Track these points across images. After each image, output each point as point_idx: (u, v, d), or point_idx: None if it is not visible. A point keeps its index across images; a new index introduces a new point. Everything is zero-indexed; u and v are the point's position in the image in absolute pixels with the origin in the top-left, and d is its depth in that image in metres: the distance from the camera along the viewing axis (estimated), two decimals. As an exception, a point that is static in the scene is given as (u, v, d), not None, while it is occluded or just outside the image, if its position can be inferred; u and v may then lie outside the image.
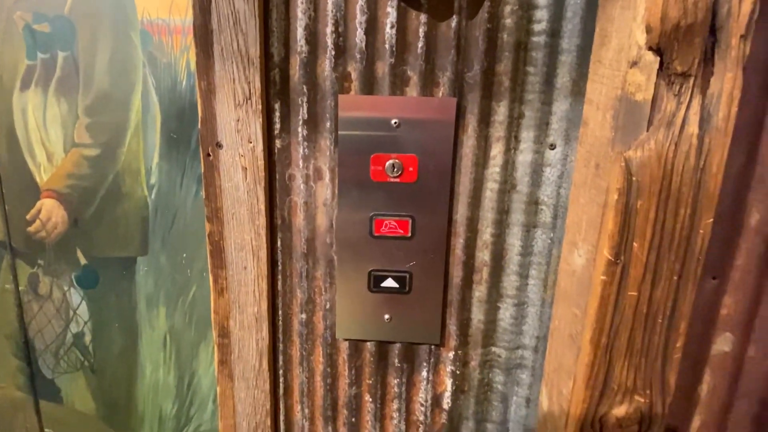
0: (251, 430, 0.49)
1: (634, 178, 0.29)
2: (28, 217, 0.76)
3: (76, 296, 0.79)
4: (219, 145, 0.42)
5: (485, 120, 0.40)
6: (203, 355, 0.80)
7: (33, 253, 0.78)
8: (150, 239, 0.75)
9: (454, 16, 0.38)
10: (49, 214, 0.76)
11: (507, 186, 0.41)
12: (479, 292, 0.44)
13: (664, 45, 0.27)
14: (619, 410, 0.32)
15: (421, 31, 0.39)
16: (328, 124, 0.42)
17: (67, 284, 0.79)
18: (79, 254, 0.77)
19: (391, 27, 0.39)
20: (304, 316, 0.47)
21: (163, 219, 0.74)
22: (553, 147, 0.40)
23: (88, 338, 0.81)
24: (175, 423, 0.85)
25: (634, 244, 0.29)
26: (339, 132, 0.41)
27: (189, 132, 0.70)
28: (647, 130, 0.29)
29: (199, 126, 0.41)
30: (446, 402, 0.47)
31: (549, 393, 0.39)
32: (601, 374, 0.32)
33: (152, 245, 0.75)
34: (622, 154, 0.29)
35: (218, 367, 0.47)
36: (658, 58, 0.28)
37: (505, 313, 0.44)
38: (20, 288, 0.80)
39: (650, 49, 0.27)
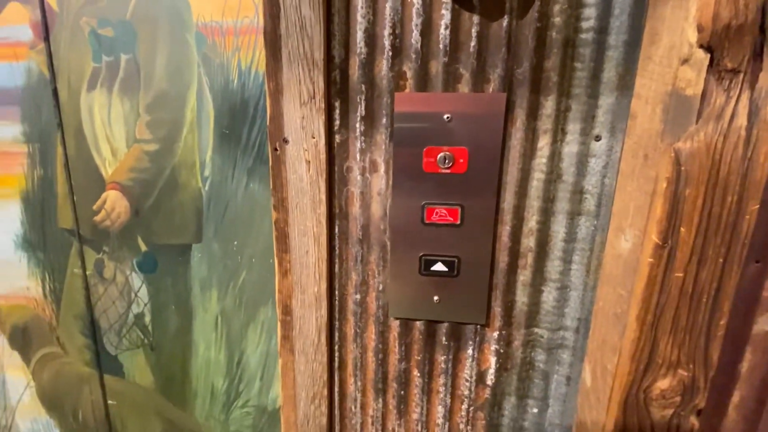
0: (309, 400, 0.54)
1: (682, 168, 0.31)
2: (94, 207, 0.83)
3: (137, 280, 0.87)
4: (285, 141, 0.46)
5: (533, 113, 0.43)
6: (251, 336, 0.86)
7: (99, 241, 0.85)
8: (204, 228, 0.81)
9: (506, 16, 0.41)
10: (114, 204, 0.83)
11: (553, 176, 0.44)
12: (524, 276, 0.47)
13: (714, 43, 0.29)
14: (663, 383, 0.35)
15: (474, 31, 0.41)
16: (384, 120, 0.45)
17: (129, 269, 0.86)
18: (140, 241, 0.84)
19: (445, 28, 0.41)
20: (358, 296, 0.51)
21: (216, 209, 0.80)
22: (598, 138, 0.42)
23: (147, 318, 0.89)
24: (226, 398, 0.92)
25: (682, 229, 0.31)
26: (394, 127, 0.44)
27: (240, 128, 0.75)
28: (696, 123, 0.31)
29: (268, 123, 0.46)
30: (490, 378, 0.51)
31: (592, 369, 0.42)
32: (646, 349, 0.34)
33: (206, 233, 0.81)
34: (672, 146, 0.31)
35: (281, 341, 0.52)
36: (709, 56, 0.30)
37: (549, 296, 0.47)
38: (87, 272, 0.88)
39: (701, 47, 0.29)
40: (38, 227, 0.87)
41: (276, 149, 0.46)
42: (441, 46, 0.42)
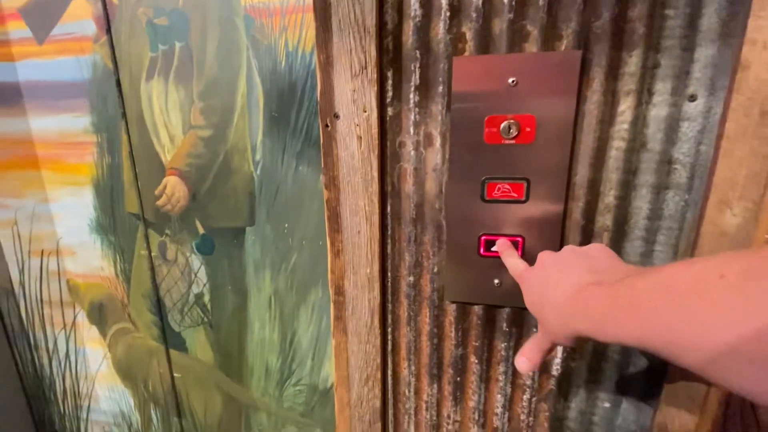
0: (363, 381, 0.53)
1: (819, 123, 0.25)
2: (156, 192, 0.87)
3: (196, 261, 0.91)
4: (336, 116, 0.44)
5: (613, 73, 0.37)
6: (303, 316, 0.88)
7: (161, 224, 0.90)
8: (256, 211, 0.83)
9: (582, -39, 0.35)
10: (173, 189, 0.86)
11: (636, 144, 0.38)
12: (597, 257, 0.42)
13: None
14: None
15: (544, -19, 0.37)
16: (440, 89, 0.42)
17: (189, 251, 0.90)
18: (198, 225, 0.88)
19: (511, -20, 0.37)
20: (411, 278, 0.49)
21: (268, 192, 0.81)
22: (693, 98, 0.36)
23: (207, 298, 0.93)
24: (279, 375, 0.95)
25: (814, 198, 0.26)
26: (452, 95, 0.41)
27: (288, 111, 0.75)
28: (840, 67, 0.25)
29: (318, 98, 0.44)
30: (555, 368, 0.47)
31: (683, 362, 0.37)
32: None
33: (258, 216, 0.83)
34: (805, 96, 0.25)
35: (334, 322, 0.52)
36: None
37: (626, 280, 0.42)
38: (152, 254, 0.94)
39: None
40: (108, 212, 0.94)
41: (327, 125, 0.44)
42: (506, 1, 0.38)
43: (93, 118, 0.87)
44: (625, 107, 0.38)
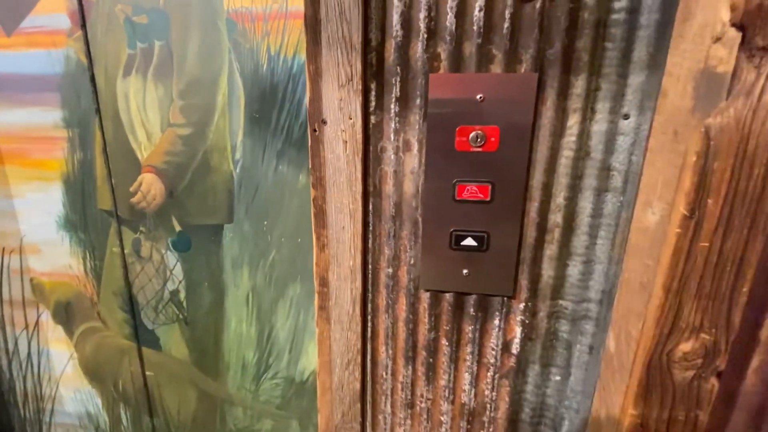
0: (344, 366, 0.58)
1: (712, 143, 0.32)
2: (131, 189, 0.87)
3: (172, 258, 0.91)
4: (324, 122, 0.48)
5: (564, 93, 0.44)
6: (281, 311, 0.91)
7: (136, 221, 0.90)
8: (235, 208, 0.85)
9: (539, -2, 0.42)
10: (149, 187, 0.87)
11: (581, 153, 0.46)
12: (550, 250, 0.49)
13: (747, 22, 0.30)
14: (686, 346, 0.37)
15: (507, 12, 0.43)
16: (418, 101, 0.47)
17: (165, 248, 0.91)
18: (174, 222, 0.88)
19: (479, 10, 0.43)
20: (390, 270, 0.54)
21: (247, 190, 0.83)
22: (627, 117, 0.44)
23: (182, 295, 0.94)
24: (256, 369, 0.97)
25: (709, 200, 0.33)
26: (428, 107, 0.46)
27: (270, 112, 0.78)
28: (726, 99, 0.32)
29: (307, 105, 0.48)
30: (515, 347, 0.54)
31: (617, 336, 0.44)
32: (671, 315, 0.37)
33: (237, 214, 0.85)
34: (702, 121, 0.33)
35: (318, 311, 0.56)
36: (741, 34, 0.31)
37: (574, 269, 0.50)
38: (125, 251, 0.93)
39: (734, 25, 0.31)
40: (79, 209, 0.92)
41: (315, 130, 0.48)
42: (475, 27, 0.44)
43: (64, 113, 0.85)
44: (573, 122, 0.45)
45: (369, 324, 0.57)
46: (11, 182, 0.94)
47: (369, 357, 0.58)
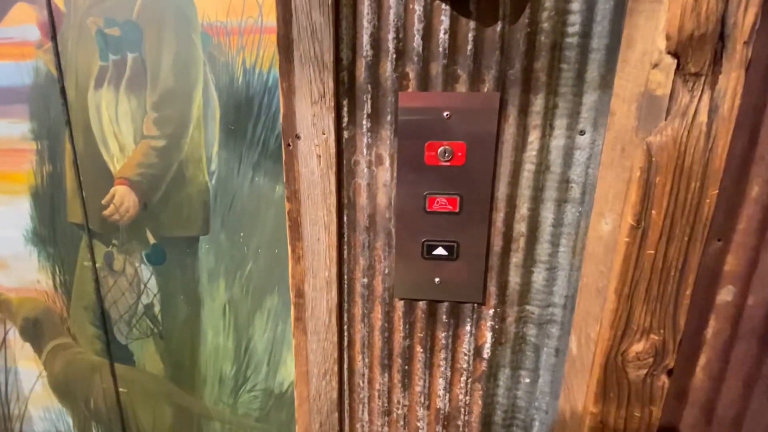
0: (321, 376, 0.58)
1: (653, 159, 0.36)
2: (103, 202, 0.86)
3: (146, 271, 0.90)
4: (297, 137, 0.50)
5: (524, 110, 0.47)
6: (258, 323, 0.91)
7: (108, 234, 0.88)
8: (211, 220, 0.85)
9: (499, 22, 0.45)
10: (122, 199, 0.86)
11: (542, 167, 0.48)
12: (516, 258, 0.52)
13: (680, 50, 0.34)
14: (638, 346, 0.40)
15: (470, 35, 0.45)
16: (388, 117, 0.49)
17: (138, 261, 0.89)
18: (149, 234, 0.87)
19: (444, 33, 0.46)
20: (365, 279, 0.55)
21: (223, 202, 0.83)
22: (582, 133, 0.47)
23: (157, 308, 0.92)
24: (234, 383, 0.96)
25: (653, 211, 0.36)
26: (398, 123, 0.49)
27: (245, 124, 0.79)
28: (665, 119, 0.35)
29: (281, 121, 0.49)
30: (486, 352, 0.56)
31: (578, 338, 0.47)
32: (623, 318, 0.40)
33: (213, 225, 0.85)
34: (645, 139, 0.36)
35: (294, 323, 0.56)
36: (676, 61, 0.34)
37: (539, 276, 0.52)
38: (97, 265, 0.91)
39: (669, 53, 0.34)
40: (48, 222, 0.90)
41: (289, 145, 0.50)
42: (441, 49, 0.46)
43: (33, 125, 0.84)
44: (534, 138, 0.48)
45: (345, 333, 0.58)
46: (-25, 196, 0.90)
47: (346, 366, 0.59)
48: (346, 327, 0.57)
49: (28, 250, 0.92)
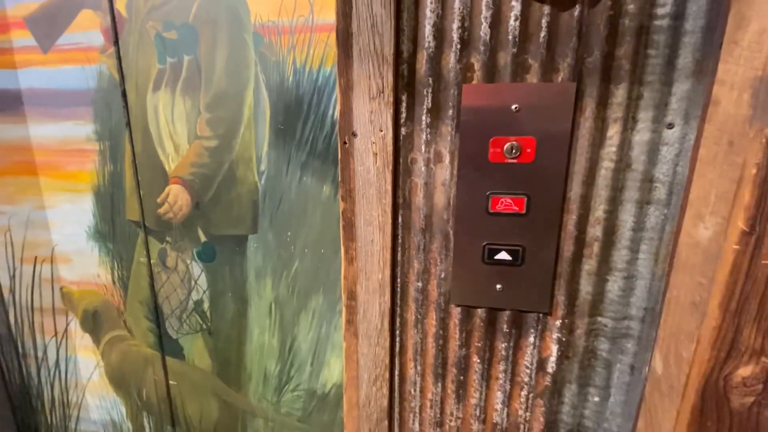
0: (371, 382, 0.56)
1: (774, 154, 0.30)
2: (158, 200, 0.89)
3: (196, 268, 0.92)
4: (354, 134, 0.48)
5: (603, 102, 0.43)
6: (303, 322, 0.90)
7: (162, 232, 0.91)
8: (259, 219, 0.85)
9: (577, 6, 0.41)
10: (176, 198, 0.88)
11: (622, 165, 0.44)
12: (589, 265, 0.47)
13: (813, 25, 0.28)
14: (745, 370, 0.35)
15: (544, 21, 0.42)
16: (450, 112, 0.46)
17: (190, 258, 0.92)
18: (200, 232, 0.89)
19: (515, 19, 0.42)
20: (420, 283, 0.53)
21: (271, 201, 0.84)
22: (671, 126, 0.42)
23: (206, 305, 0.94)
24: (278, 381, 0.97)
25: (771, 215, 0.31)
26: (460, 118, 0.46)
27: (294, 124, 0.78)
28: (789, 108, 0.30)
29: (338, 118, 0.48)
30: (551, 366, 0.52)
31: (664, 357, 0.42)
32: (729, 337, 0.34)
33: (261, 225, 0.85)
34: (763, 131, 0.31)
35: (345, 326, 0.55)
36: (806, 38, 0.29)
37: (614, 285, 0.47)
38: (152, 261, 0.94)
39: (798, 29, 0.29)
40: (108, 219, 0.94)
41: (345, 142, 0.48)
42: (510, 37, 0.43)
43: (96, 126, 0.88)
44: (613, 132, 0.43)
45: (397, 339, 0.55)
46: (44, 193, 0.97)
47: (397, 373, 0.57)
48: (398, 332, 0.55)
49: (89, 246, 0.97)
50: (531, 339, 0.51)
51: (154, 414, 1.08)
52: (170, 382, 1.04)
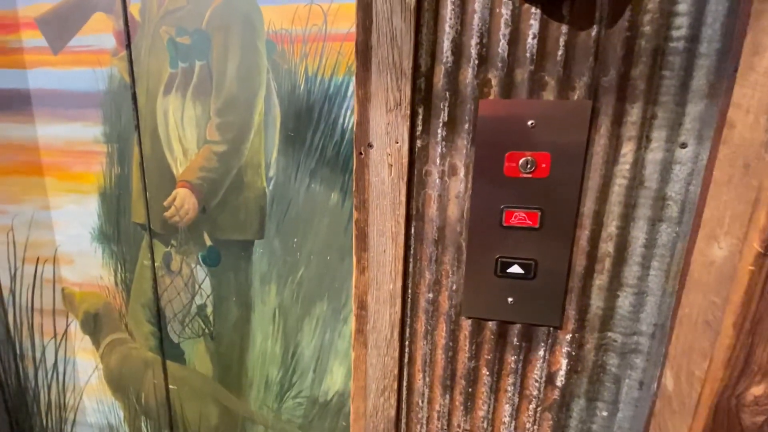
0: (379, 392, 0.56)
1: (790, 178, 0.31)
2: (165, 203, 0.89)
3: (201, 273, 0.92)
4: (370, 145, 0.48)
5: (618, 121, 0.43)
6: (307, 329, 0.90)
7: (167, 235, 0.91)
8: (266, 225, 0.85)
9: (595, 26, 0.41)
10: (183, 201, 0.88)
11: (635, 182, 0.44)
12: (600, 280, 0.48)
13: (830, 54, 0.29)
14: (757, 389, 0.35)
15: (562, 40, 0.42)
16: (466, 126, 0.47)
17: (194, 262, 0.91)
18: (206, 237, 0.89)
19: (533, 37, 0.43)
20: (431, 295, 0.53)
21: (279, 207, 0.84)
22: (684, 146, 0.43)
23: (209, 309, 0.94)
24: (279, 388, 0.96)
25: (787, 238, 0.32)
26: (476, 132, 0.46)
27: (305, 131, 0.79)
28: (805, 133, 0.31)
29: (355, 129, 0.48)
30: (560, 380, 0.52)
31: (676, 374, 0.42)
32: (742, 356, 0.35)
33: (268, 230, 0.85)
34: (779, 156, 0.31)
35: (355, 335, 0.55)
36: (823, 67, 0.30)
37: (624, 300, 0.48)
38: (156, 264, 0.94)
39: (815, 58, 0.30)
40: (113, 221, 0.94)
41: (361, 153, 0.48)
42: (528, 54, 0.43)
43: (105, 128, 0.88)
44: (627, 150, 0.44)
45: (406, 350, 0.55)
46: (50, 194, 0.96)
47: (405, 384, 0.57)
48: (407, 343, 0.55)
49: (93, 248, 0.97)
50: (541, 353, 0.51)
51: (153, 418, 1.07)
52: (170, 386, 1.04)
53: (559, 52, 0.43)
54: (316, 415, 0.95)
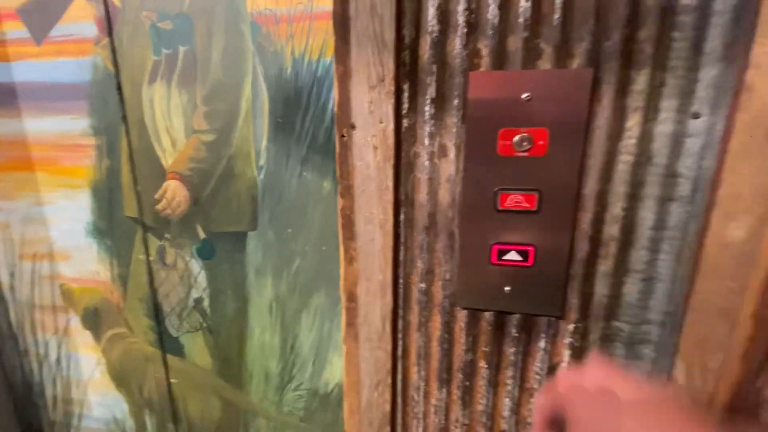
0: (373, 387, 0.54)
1: (820, 145, 0.27)
2: (156, 196, 0.87)
3: (196, 266, 0.90)
4: (353, 127, 0.45)
5: (622, 90, 0.39)
6: (304, 321, 0.88)
7: (160, 228, 0.89)
8: (259, 216, 0.83)
9: (595, -16, 0.37)
10: (174, 193, 0.86)
11: (642, 158, 0.40)
12: (605, 266, 0.44)
13: None
14: (780, 385, 0.32)
15: (558, 1, 0.38)
16: (455, 102, 0.43)
17: (189, 255, 0.90)
18: (199, 229, 0.87)
19: (526, 0, 0.39)
20: (423, 285, 0.50)
21: (271, 197, 0.81)
22: (697, 116, 0.38)
23: (206, 303, 0.92)
24: (279, 380, 0.95)
25: (815, 215, 0.28)
26: (467, 108, 0.42)
27: (294, 117, 0.75)
28: (839, 93, 0.27)
29: (335, 109, 0.45)
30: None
31: (688, 367, 0.39)
32: (761, 348, 0.31)
33: (261, 221, 0.83)
34: (808, 120, 0.27)
35: (345, 328, 0.52)
36: None
37: (631, 287, 0.44)
38: (150, 258, 0.93)
39: None
40: (106, 215, 0.93)
41: (343, 135, 0.45)
42: (521, 20, 0.39)
43: (92, 120, 0.86)
44: (633, 123, 0.40)
45: (400, 343, 0.53)
46: (42, 189, 0.95)
47: (400, 378, 0.54)
48: (400, 336, 0.52)
49: (88, 242, 0.95)
50: (542, 344, 0.48)
51: (156, 411, 1.07)
52: (171, 380, 1.03)
53: (556, 16, 0.38)
54: (317, 407, 0.94)
